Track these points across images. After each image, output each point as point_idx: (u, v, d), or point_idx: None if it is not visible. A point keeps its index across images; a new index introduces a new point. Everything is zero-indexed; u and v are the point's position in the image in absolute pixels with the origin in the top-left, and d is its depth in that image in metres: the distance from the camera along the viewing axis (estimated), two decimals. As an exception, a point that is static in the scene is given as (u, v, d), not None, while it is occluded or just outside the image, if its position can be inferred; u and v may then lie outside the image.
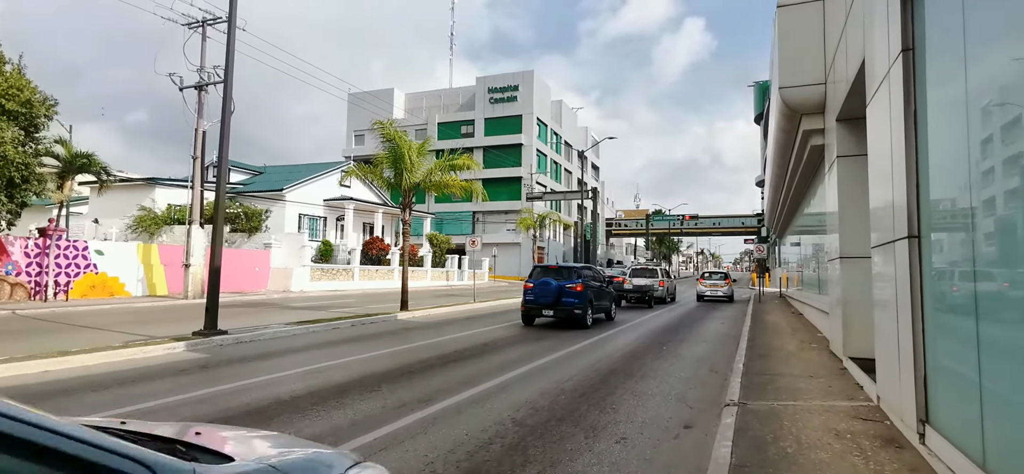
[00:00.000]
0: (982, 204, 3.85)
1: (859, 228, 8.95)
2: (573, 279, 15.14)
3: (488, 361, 9.57)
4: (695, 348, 11.51)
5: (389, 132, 16.60)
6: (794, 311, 19.87)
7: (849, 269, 9.05)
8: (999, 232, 3.67)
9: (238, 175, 40.33)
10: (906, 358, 5.02)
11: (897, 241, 5.17)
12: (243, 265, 27.43)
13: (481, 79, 64.69)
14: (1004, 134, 3.54)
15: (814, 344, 11.28)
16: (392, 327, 14.34)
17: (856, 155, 9.04)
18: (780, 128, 12.67)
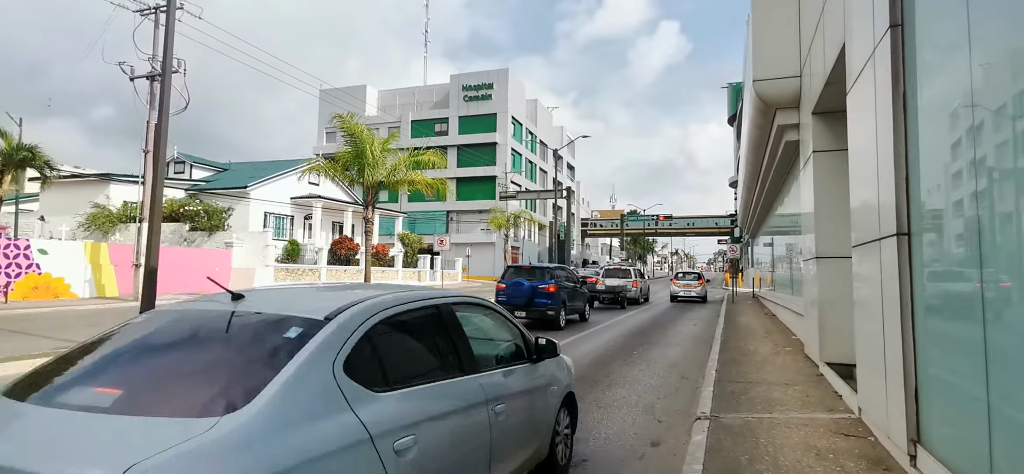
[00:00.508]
0: (989, 195, 3.33)
1: (837, 227, 8.53)
2: (546, 280, 14.60)
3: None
4: (666, 352, 11.01)
5: (350, 126, 15.81)
6: (767, 312, 19.62)
7: (826, 270, 8.62)
8: (1015, 226, 3.15)
9: (201, 172, 38.91)
10: (894, 369, 4.51)
11: (883, 239, 4.67)
12: (201, 265, 26.24)
13: (455, 77, 63.88)
14: (1018, 110, 3.01)
15: (788, 347, 10.87)
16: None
17: (834, 150, 8.61)
18: (754, 124, 12.27)
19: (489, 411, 3.19)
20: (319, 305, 2.69)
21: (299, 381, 2.17)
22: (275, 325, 2.53)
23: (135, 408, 2.06)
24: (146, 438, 1.81)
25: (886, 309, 4.67)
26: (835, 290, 8.46)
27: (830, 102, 8.08)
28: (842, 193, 8.58)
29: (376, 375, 2.56)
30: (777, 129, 10.97)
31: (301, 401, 2.14)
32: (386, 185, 17.01)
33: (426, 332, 3.15)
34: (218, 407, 1.98)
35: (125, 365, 2.49)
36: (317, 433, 2.11)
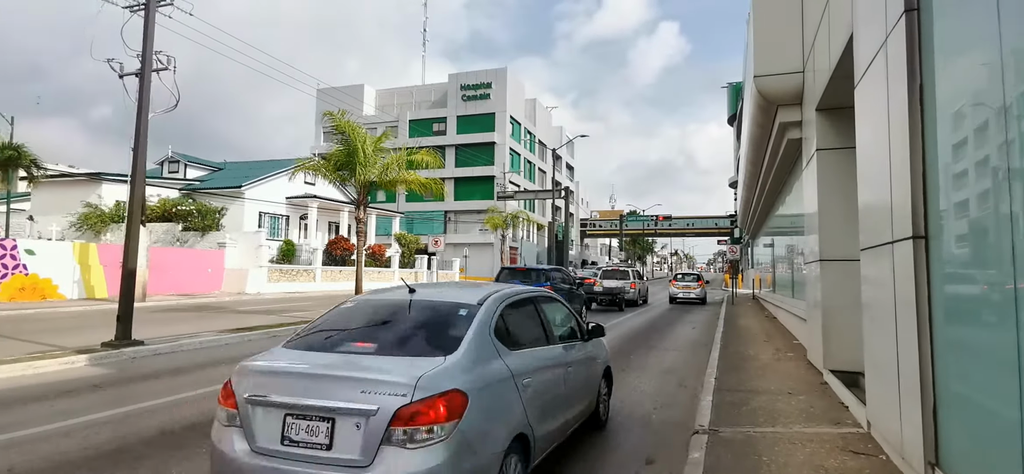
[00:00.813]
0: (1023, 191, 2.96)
1: (841, 228, 8.18)
2: (541, 282, 14.28)
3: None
4: (664, 357, 10.65)
5: (342, 124, 15.44)
6: (768, 314, 19.26)
7: (830, 273, 8.26)
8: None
9: (196, 171, 38.55)
10: (909, 381, 4.15)
11: (897, 242, 4.31)
12: (194, 266, 25.90)
13: (453, 76, 63.49)
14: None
15: (790, 353, 10.51)
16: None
17: (839, 148, 8.25)
18: (755, 122, 11.91)
19: (565, 371, 4.69)
20: (470, 296, 4.13)
21: (476, 338, 3.64)
22: (452, 307, 4.00)
23: (392, 352, 3.54)
24: (412, 365, 3.21)
25: (900, 317, 4.31)
26: (840, 295, 8.11)
27: (835, 98, 7.73)
28: (848, 193, 8.25)
29: (507, 339, 3.99)
30: (779, 127, 10.61)
31: (478, 350, 3.60)
32: (379, 185, 16.64)
33: (528, 314, 4.63)
34: (441, 351, 3.43)
35: (364, 329, 3.94)
36: (488, 368, 3.58)
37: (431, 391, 3.06)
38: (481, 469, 3.26)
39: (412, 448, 2.96)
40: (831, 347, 8.16)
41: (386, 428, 2.96)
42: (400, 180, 16.36)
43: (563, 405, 4.55)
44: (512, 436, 3.56)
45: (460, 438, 3.10)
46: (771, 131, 11.49)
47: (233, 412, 3.29)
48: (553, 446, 4.43)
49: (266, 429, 3.17)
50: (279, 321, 14.64)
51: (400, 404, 2.98)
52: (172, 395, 6.98)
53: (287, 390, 3.21)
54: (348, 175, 15.94)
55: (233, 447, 3.22)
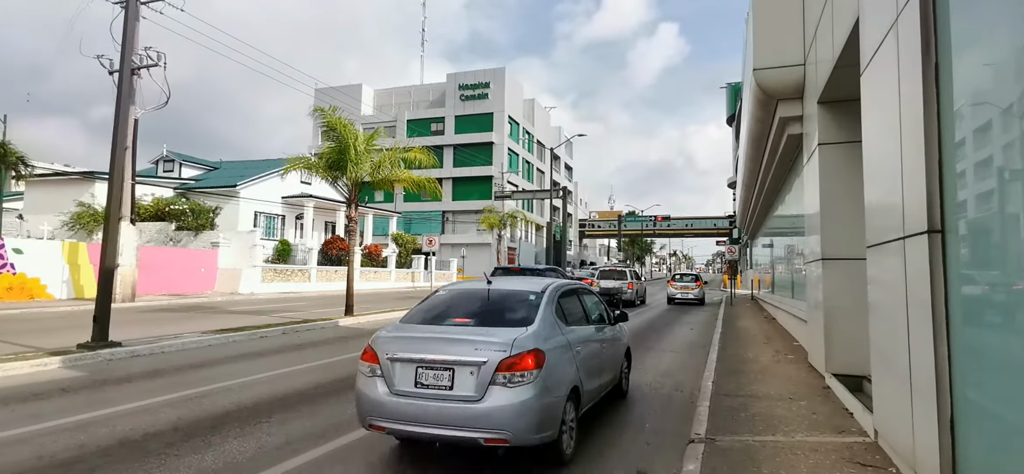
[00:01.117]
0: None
1: (845, 226, 7.86)
2: (532, 282, 13.91)
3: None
4: (661, 360, 10.31)
5: (333, 121, 15.10)
6: (767, 315, 18.93)
7: (832, 272, 7.94)
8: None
9: (191, 170, 38.20)
10: (923, 389, 3.83)
11: (910, 238, 3.98)
12: (187, 265, 25.56)
13: (452, 76, 63.18)
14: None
15: (791, 355, 10.18)
16: (328, 335, 12.86)
17: (842, 142, 7.93)
18: (754, 117, 11.58)
19: (599, 345, 5.94)
20: (534, 286, 5.43)
21: (544, 315, 4.87)
22: (523, 294, 5.25)
23: (487, 324, 4.77)
24: (506, 333, 4.42)
25: (913, 319, 3.98)
26: (843, 295, 7.78)
27: (838, 89, 7.41)
28: (851, 189, 7.92)
29: (563, 318, 5.24)
30: (779, 122, 10.29)
31: (547, 324, 4.81)
32: (372, 183, 16.31)
33: (574, 301, 5.86)
34: (522, 324, 4.67)
35: (461, 309, 5.13)
36: (554, 337, 4.79)
37: (522, 349, 4.35)
38: (552, 406, 4.46)
39: (511, 387, 4.23)
40: (833, 349, 7.84)
41: (493, 374, 4.24)
42: (392, 178, 16.01)
43: (599, 371, 5.82)
44: (570, 387, 4.82)
45: (541, 383, 4.35)
46: (771, 127, 11.16)
47: (375, 366, 4.57)
48: (592, 403, 5.67)
49: (403, 377, 4.45)
50: (268, 322, 14.30)
51: (503, 357, 4.27)
52: (142, 400, 6.64)
53: (418, 350, 4.50)
54: (339, 173, 15.59)
55: (376, 391, 4.51)
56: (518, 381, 4.24)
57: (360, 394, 4.65)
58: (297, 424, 5.77)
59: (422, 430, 4.36)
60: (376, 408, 4.48)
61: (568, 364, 4.88)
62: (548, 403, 4.39)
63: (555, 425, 4.47)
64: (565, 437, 4.67)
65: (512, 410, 4.17)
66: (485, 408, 4.18)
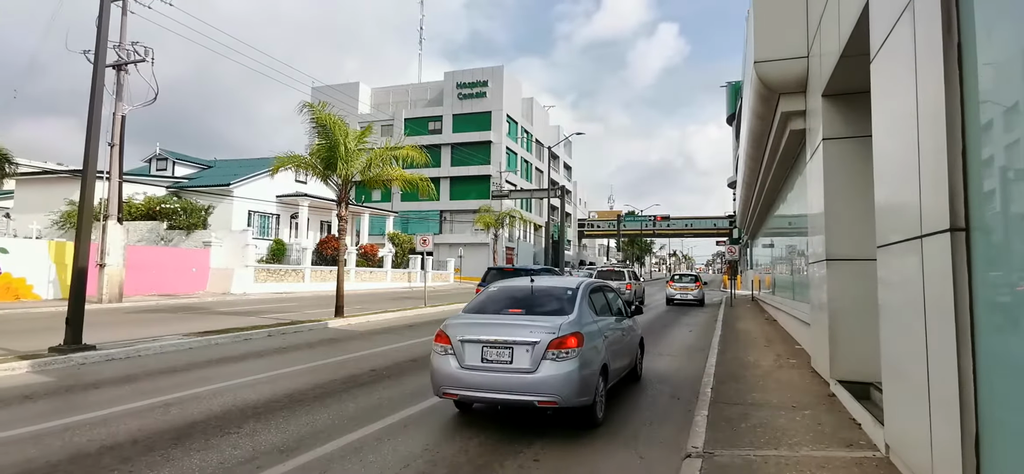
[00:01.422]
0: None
1: (850, 224, 7.50)
2: (527, 283, 13.53)
3: (405, 384, 7.84)
4: (657, 364, 9.93)
5: (323, 117, 14.70)
6: (767, 317, 18.56)
7: (837, 274, 7.57)
8: None
9: (184, 169, 37.79)
10: (942, 402, 3.46)
11: (929, 237, 3.61)
12: (177, 265, 25.16)
13: (449, 74, 62.78)
14: None
15: (793, 359, 9.81)
16: (316, 337, 12.48)
17: (848, 137, 7.57)
18: (755, 113, 11.20)
19: (621, 333, 7.10)
20: (570, 283, 6.66)
21: (581, 307, 5.99)
22: (562, 289, 6.38)
23: (535, 313, 5.93)
24: (552, 321, 5.61)
25: (932, 324, 3.61)
26: (849, 297, 7.42)
27: (845, 81, 7.04)
28: (858, 186, 7.56)
29: (594, 309, 6.39)
30: (780, 117, 9.91)
31: (583, 313, 5.93)
32: (364, 182, 15.92)
33: (601, 296, 7.02)
34: (563, 313, 5.82)
35: (512, 301, 6.21)
36: (588, 324, 5.89)
37: (566, 332, 5.46)
38: (589, 377, 5.58)
39: (558, 361, 5.32)
40: (839, 354, 7.47)
41: (544, 351, 5.33)
42: (384, 176, 15.63)
43: (620, 354, 7.00)
44: (601, 364, 5.96)
45: (580, 358, 5.43)
46: (772, 123, 10.79)
47: (448, 346, 5.68)
48: (615, 381, 6.78)
49: (471, 355, 5.55)
50: (255, 323, 13.91)
51: (552, 338, 5.37)
52: (107, 408, 6.26)
53: (483, 333, 5.60)
54: (329, 171, 15.21)
55: (450, 365, 5.61)
56: (564, 357, 5.37)
57: (435, 369, 5.77)
58: (267, 437, 5.39)
59: (488, 395, 5.54)
60: (449, 379, 5.63)
61: (599, 345, 6.05)
62: (586, 374, 5.53)
63: (591, 393, 5.64)
64: (598, 404, 5.86)
65: (560, 379, 5.31)
66: (539, 378, 5.33)
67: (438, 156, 60.82)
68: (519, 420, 6.01)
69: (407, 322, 16.10)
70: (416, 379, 8.18)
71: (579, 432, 5.66)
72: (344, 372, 8.58)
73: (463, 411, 6.31)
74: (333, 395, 7.08)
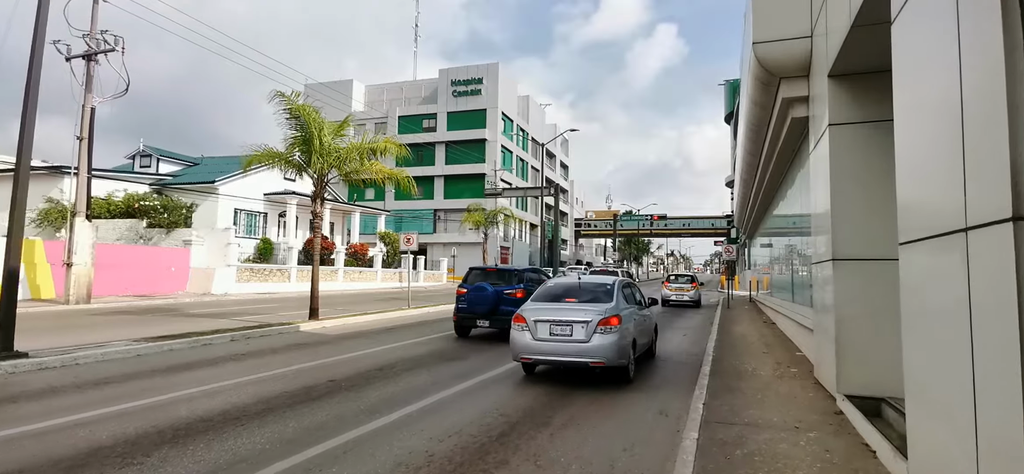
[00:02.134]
0: None
1: (860, 219, 6.71)
2: (513, 284, 12.74)
3: (364, 397, 7.02)
4: (646, 373, 9.12)
5: (297, 108, 13.86)
6: (765, 319, 17.77)
7: (845, 275, 6.77)
8: None
9: (168, 166, 36.90)
10: (997, 437, 2.65)
11: (978, 229, 2.81)
12: (154, 264, 24.29)
13: (444, 71, 61.93)
14: None
15: (793, 368, 9.01)
16: (282, 342, 11.65)
17: (857, 122, 6.77)
18: (753, 102, 10.40)
19: (642, 318, 9.39)
20: (608, 280, 9.19)
21: (618, 297, 8.55)
22: (603, 283, 9.01)
23: (586, 302, 8.39)
24: (599, 306, 8.10)
25: (980, 337, 2.81)
26: (859, 302, 6.62)
27: (855, 57, 6.25)
28: (869, 177, 6.74)
29: (624, 299, 8.80)
30: (781, 104, 9.11)
31: (620, 302, 8.48)
32: (343, 177, 15.09)
33: (629, 291, 9.54)
34: (606, 301, 8.34)
35: (568, 292, 8.79)
36: (623, 309, 8.38)
37: (610, 314, 7.72)
38: (625, 346, 7.83)
39: (605, 334, 7.51)
40: (847, 366, 6.67)
41: (595, 327, 7.52)
42: (362, 171, 14.80)
43: (643, 334, 9.20)
44: (632, 339, 8.16)
45: (620, 332, 7.64)
46: (772, 111, 9.99)
47: (524, 325, 7.91)
48: (639, 354, 8.87)
49: (541, 331, 7.78)
50: (224, 326, 13.09)
51: (600, 318, 7.59)
52: (12, 427, 5.43)
53: (550, 315, 7.90)
54: (305, 164, 14.37)
55: (526, 338, 7.86)
56: (609, 331, 7.60)
57: (515, 341, 8.05)
58: (179, 465, 4.57)
59: (555, 359, 7.80)
60: (526, 348, 7.89)
61: (630, 326, 8.25)
62: (623, 344, 7.77)
63: (627, 358, 7.89)
64: (630, 367, 8.12)
65: (607, 347, 7.54)
66: (592, 345, 7.55)
67: (432, 154, 60.00)
68: (570, 380, 8.32)
69: (387, 325, 15.26)
70: (378, 390, 7.36)
71: (618, 385, 7.96)
72: (299, 383, 7.76)
73: (528, 373, 8.61)
74: (276, 411, 6.25)
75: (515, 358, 8.07)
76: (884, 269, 6.52)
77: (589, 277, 10.08)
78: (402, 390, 7.47)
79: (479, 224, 39.82)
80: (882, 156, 6.68)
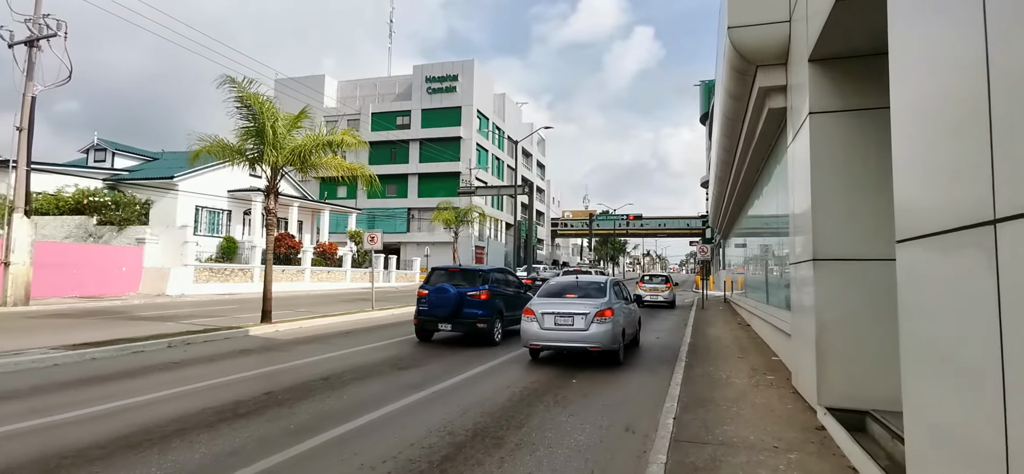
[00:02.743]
0: None
1: (844, 216, 6.17)
2: (477, 285, 12.01)
3: (297, 413, 6.24)
4: (614, 381, 8.50)
5: (247, 96, 12.94)
6: (740, 320, 17.37)
7: (827, 276, 6.22)
8: None
9: (126, 160, 35.28)
10: None
11: (1011, 221, 2.19)
12: (103, 264, 22.99)
13: (419, 68, 60.88)
14: None
15: (770, 374, 8.48)
16: (228, 348, 10.76)
17: (842, 110, 6.23)
18: (729, 93, 9.87)
19: (629, 311, 10.80)
20: (601, 279, 10.77)
21: (610, 293, 9.94)
22: (597, 281, 10.52)
23: (583, 297, 9.77)
24: (595, 300, 9.52)
25: (1014, 344, 2.19)
26: (842, 306, 6.08)
27: (838, 40, 5.71)
28: (854, 169, 6.18)
29: (615, 295, 10.14)
30: (758, 95, 8.57)
31: (612, 297, 9.84)
32: (297, 171, 14.21)
33: (620, 287, 11.07)
34: (600, 296, 9.72)
35: (567, 290, 10.15)
36: (614, 303, 9.70)
37: (605, 307, 9.22)
38: (617, 334, 9.32)
39: (601, 324, 9.04)
40: (828, 375, 6.12)
41: (592, 318, 9.05)
42: (320, 165, 13.94)
43: (630, 324, 10.59)
44: (621, 328, 9.58)
45: (612, 323, 9.13)
46: (748, 103, 9.47)
47: (532, 317, 9.43)
48: (627, 342, 10.35)
49: (547, 321, 9.30)
50: (167, 330, 12.14)
51: (596, 310, 9.12)
52: None
53: (555, 308, 9.36)
54: (257, 157, 13.46)
55: (535, 328, 9.39)
56: (604, 321, 9.07)
57: (525, 330, 9.58)
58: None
59: (559, 345, 9.29)
60: (534, 336, 9.40)
61: (620, 316, 9.67)
62: (615, 332, 9.20)
63: (618, 343, 9.38)
64: (620, 351, 9.59)
65: (602, 334, 9.02)
66: (589, 333, 9.04)
67: (406, 152, 58.96)
68: (572, 361, 9.43)
69: (346, 328, 14.42)
70: (316, 404, 6.59)
71: (610, 367, 9.35)
72: (229, 396, 6.94)
73: (533, 358, 10.04)
74: (189, 433, 5.45)
75: (525, 345, 9.68)
76: (869, 270, 6.00)
77: (585, 277, 11.48)
78: (344, 404, 6.71)
79: (449, 223, 38.87)
80: (867, 147, 6.15)
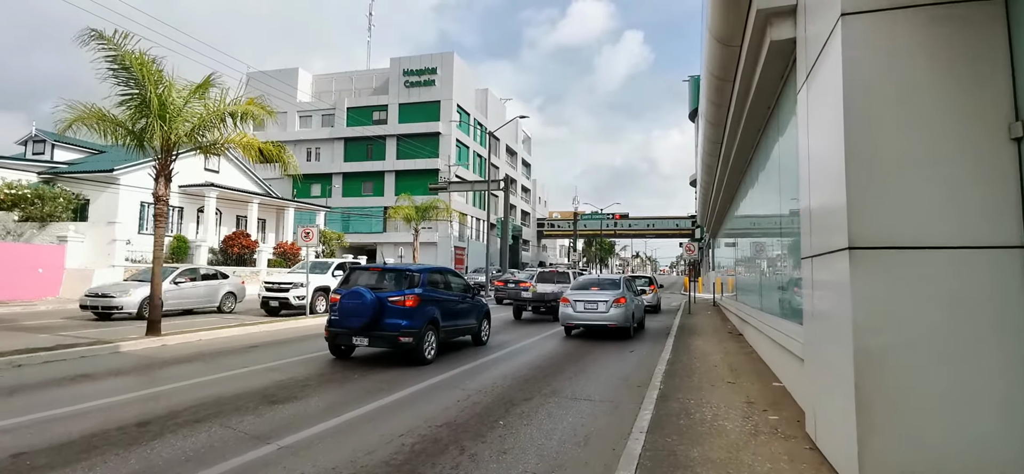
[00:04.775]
0: None
1: (902, 178, 3.85)
2: (402, 290, 9.55)
3: (129, 459, 3.82)
4: (562, 420, 6.12)
5: (123, 55, 10.43)
6: (731, 329, 15.07)
7: (873, 275, 3.89)
8: None
9: (67, 153, 32.49)
10: None
11: None
12: (15, 265, 20.32)
13: (396, 60, 58.33)
14: None
15: (773, 415, 6.13)
16: (83, 369, 8.25)
17: (895, 8, 3.91)
18: (717, 36, 7.56)
19: (638, 302, 16.04)
20: (616, 277, 16.92)
21: (624, 286, 14.45)
22: (615, 279, 15.87)
23: (604, 289, 14.14)
24: (614, 291, 13.88)
25: None
26: (900, 321, 3.76)
27: None
28: (918, 107, 3.88)
29: (628, 288, 14.88)
30: (756, 24, 6.23)
31: (626, 289, 14.36)
32: (197, 149, 11.75)
33: (632, 283, 17.35)
34: (617, 289, 14.17)
35: (592, 284, 15.00)
36: (628, 293, 14.37)
37: (620, 296, 13.47)
38: (629, 317, 13.48)
39: (617, 308, 13.15)
40: (877, 431, 3.79)
41: (612, 304, 13.20)
42: (223, 142, 11.50)
43: (638, 310, 15.05)
44: (632, 312, 13.75)
45: (626, 307, 13.31)
46: (742, 43, 7.15)
47: (568, 304, 13.61)
48: (635, 323, 14.49)
49: (579, 306, 13.47)
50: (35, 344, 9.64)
51: (614, 298, 13.36)
52: None
53: (585, 297, 13.56)
54: (143, 132, 10.98)
55: (569, 311, 13.56)
56: (620, 307, 13.09)
57: (563, 313, 13.66)
58: None
59: (587, 324, 13.31)
60: (571, 318, 13.45)
61: (631, 304, 13.71)
62: (628, 314, 13.26)
63: (630, 323, 13.45)
64: (632, 328, 13.72)
65: (619, 315, 13.04)
66: (609, 315, 13.05)
67: (383, 148, 56.48)
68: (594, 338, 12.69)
69: (255, 340, 11.91)
70: (179, 442, 4.15)
71: (623, 341, 12.77)
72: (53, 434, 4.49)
73: (567, 334, 13.86)
74: None
75: (562, 324, 13.98)
76: (950, 264, 3.69)
77: (602, 276, 15.00)
78: (156, 463, 4.28)
79: (410, 220, 36.03)
80: (942, 63, 3.83)
